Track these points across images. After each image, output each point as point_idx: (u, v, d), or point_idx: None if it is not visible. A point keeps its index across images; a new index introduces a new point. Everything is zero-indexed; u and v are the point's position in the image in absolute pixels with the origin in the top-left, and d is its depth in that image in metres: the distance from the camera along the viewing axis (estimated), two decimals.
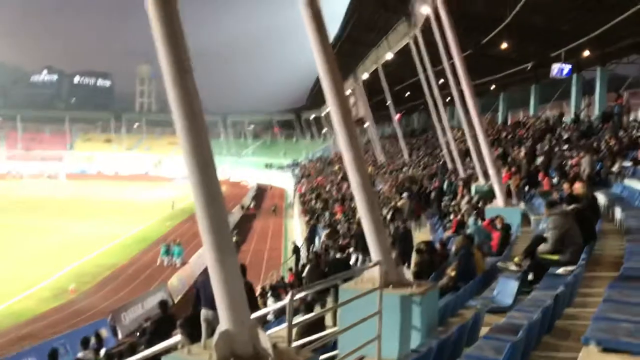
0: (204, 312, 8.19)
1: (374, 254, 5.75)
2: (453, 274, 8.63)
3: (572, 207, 8.42)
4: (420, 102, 43.73)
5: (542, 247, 7.60)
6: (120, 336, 18.92)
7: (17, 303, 22.65)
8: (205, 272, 9.15)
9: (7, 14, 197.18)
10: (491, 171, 14.64)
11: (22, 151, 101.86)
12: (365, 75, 43.41)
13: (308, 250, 24.86)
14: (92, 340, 8.98)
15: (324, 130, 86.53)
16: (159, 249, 31.72)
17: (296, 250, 24.85)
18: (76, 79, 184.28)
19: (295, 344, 4.36)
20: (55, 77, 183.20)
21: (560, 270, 7.15)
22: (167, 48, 3.64)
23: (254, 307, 7.24)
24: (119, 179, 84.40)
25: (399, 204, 18.32)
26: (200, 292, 8.47)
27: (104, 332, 17.52)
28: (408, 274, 5.68)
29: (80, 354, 9.87)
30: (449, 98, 30.10)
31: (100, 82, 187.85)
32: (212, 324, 7.75)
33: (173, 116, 3.71)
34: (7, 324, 20.14)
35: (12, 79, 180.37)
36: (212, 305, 8.81)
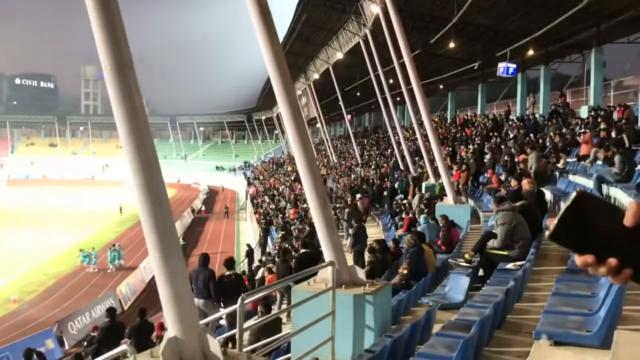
0: (196, 302, 8.50)
1: (327, 253, 5.68)
2: (405, 272, 8.65)
3: (520, 203, 8.58)
4: (371, 102, 44.10)
5: (491, 243, 7.71)
6: (67, 346, 18.28)
7: None
8: (198, 262, 9.42)
9: None
10: (441, 169, 14.83)
11: None
12: (316, 75, 43.45)
13: (262, 252, 24.67)
14: (34, 357, 8.52)
15: (275, 132, 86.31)
16: (106, 255, 30.88)
17: (250, 252, 24.60)
18: (17, 81, 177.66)
19: (247, 348, 4.24)
20: None
21: (510, 266, 7.26)
22: (105, 41, 3.47)
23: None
24: (65, 184, 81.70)
25: (357, 203, 18.35)
26: (191, 282, 8.50)
27: (50, 343, 16.92)
28: (361, 273, 5.63)
29: None
30: (399, 98, 30.56)
31: (43, 84, 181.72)
32: (204, 312, 8.68)
33: (114, 112, 3.54)
34: None
35: None
36: (203, 295, 9.07)
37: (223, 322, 9.65)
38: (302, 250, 10.87)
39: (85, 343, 14.05)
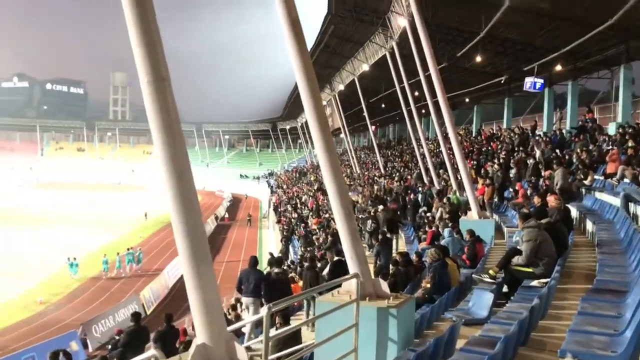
0: (245, 300, 9.83)
1: (351, 265, 5.71)
2: (428, 285, 8.63)
3: (545, 220, 8.51)
4: (395, 114, 44.08)
5: (516, 260, 7.65)
6: (90, 349, 18.54)
7: None
8: (249, 263, 10.13)
9: None
10: (466, 183, 14.76)
11: None
12: (341, 87, 43.61)
13: (279, 264, 24.70)
14: (61, 355, 8.73)
15: (299, 141, 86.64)
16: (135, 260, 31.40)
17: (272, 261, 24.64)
18: (48, 86, 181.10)
19: (271, 357, 4.30)
20: (26, 84, 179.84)
21: (535, 283, 7.20)
22: (144, 54, 3.59)
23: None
24: (91, 188, 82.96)
25: (379, 214, 18.33)
26: (242, 282, 9.88)
27: (75, 345, 17.16)
28: (385, 286, 5.64)
29: None
30: (424, 110, 30.52)
31: (73, 89, 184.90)
32: (254, 310, 9.45)
33: (149, 123, 3.64)
34: None
35: None
36: (253, 294, 9.56)
37: (244, 329, 9.73)
38: (336, 258, 10.91)
39: (110, 346, 14.23)
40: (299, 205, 41.83)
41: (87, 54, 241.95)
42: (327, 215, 27.60)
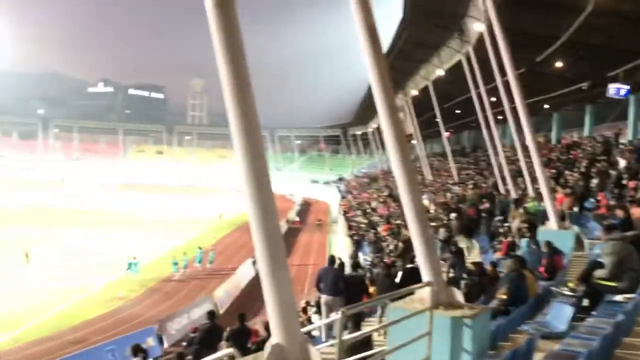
0: (324, 298, 10.19)
1: (425, 273, 5.65)
2: (504, 297, 8.39)
3: (631, 233, 8.11)
4: (470, 120, 43.12)
5: (598, 273, 7.33)
6: (165, 345, 19.20)
7: (69, 308, 23.33)
8: (327, 262, 10.68)
9: (67, 28, 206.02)
10: (544, 192, 14.25)
11: (77, 161, 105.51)
12: (414, 92, 43.20)
13: (355, 267, 24.68)
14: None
15: (370, 147, 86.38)
16: (206, 260, 32.35)
17: (341, 266, 24.69)
18: (130, 91, 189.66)
19: None
20: (110, 89, 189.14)
21: (619, 298, 6.87)
22: (227, 61, 3.71)
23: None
24: (169, 190, 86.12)
25: (453, 222, 18.02)
26: (321, 280, 10.30)
27: (151, 341, 17.84)
28: (459, 295, 5.55)
29: None
30: (501, 116, 29.73)
31: (154, 94, 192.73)
32: (332, 309, 9.80)
33: (230, 127, 3.76)
34: (60, 328, 20.76)
35: (70, 91, 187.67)
36: (332, 292, 9.94)
37: (316, 333, 9.81)
38: (409, 265, 10.86)
39: (185, 343, 14.69)
40: (368, 211, 41.71)
41: (167, 60, 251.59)
42: (397, 222, 27.36)
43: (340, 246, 37.29)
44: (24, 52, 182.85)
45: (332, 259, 10.87)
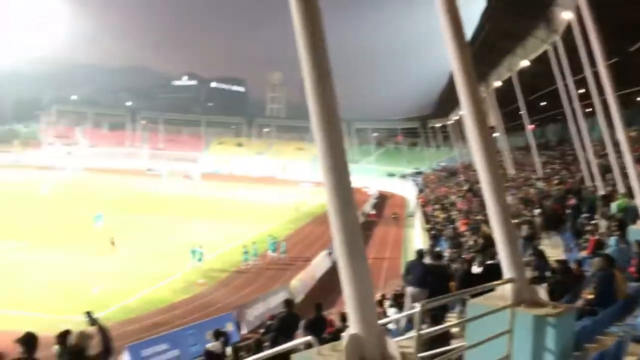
0: (409, 290, 10.57)
1: (506, 270, 5.50)
2: (591, 296, 8.02)
3: None
4: (556, 113, 41.38)
5: None
6: (243, 331, 19.73)
7: (152, 292, 24.43)
8: (416, 255, 11.08)
9: (154, 24, 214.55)
10: (635, 189, 13.47)
11: (162, 151, 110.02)
12: (497, 83, 41.90)
13: (438, 257, 24.37)
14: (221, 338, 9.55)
15: (450, 140, 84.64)
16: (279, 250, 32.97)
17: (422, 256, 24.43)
18: (213, 85, 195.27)
19: (422, 354, 4.28)
20: (194, 82, 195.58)
21: None
22: (309, 53, 3.74)
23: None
24: (248, 181, 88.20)
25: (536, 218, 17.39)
26: (409, 272, 10.75)
27: (230, 326, 18.38)
28: (543, 293, 5.35)
29: (209, 345, 10.43)
30: (589, 109, 28.30)
31: (235, 88, 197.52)
32: (417, 299, 9.85)
33: (311, 119, 3.79)
34: (143, 311, 21.80)
35: (156, 84, 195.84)
36: (418, 284, 10.29)
37: (391, 326, 9.77)
38: (489, 262, 10.63)
39: (263, 330, 15.03)
40: (447, 206, 40.97)
41: (248, 54, 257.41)
42: (477, 217, 26.72)
43: (417, 240, 36.88)
44: (113, 48, 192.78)
45: (420, 253, 11.32)
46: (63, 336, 5.89)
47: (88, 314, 5.92)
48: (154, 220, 41.37)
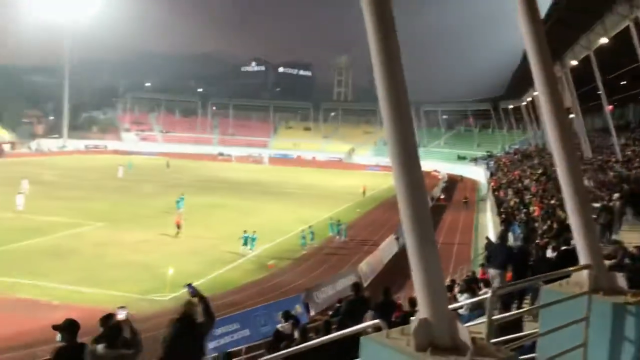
0: (492, 272, 10.89)
1: (582, 255, 5.31)
2: None
3: None
4: (637, 92, 39.24)
5: None
6: (312, 313, 20.03)
7: (225, 273, 25.16)
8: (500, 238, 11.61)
9: (221, 11, 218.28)
10: None
11: (232, 136, 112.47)
12: (573, 62, 40.07)
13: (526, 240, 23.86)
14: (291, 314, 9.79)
15: (523, 121, 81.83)
16: (350, 233, 33.06)
17: (489, 246, 23.92)
18: (280, 70, 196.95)
19: (493, 340, 4.21)
20: (262, 68, 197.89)
21: None
22: (378, 36, 3.71)
23: None
24: (315, 165, 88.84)
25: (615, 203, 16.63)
26: (492, 254, 11.13)
27: (299, 308, 18.72)
28: (622, 281, 5.13)
29: (279, 325, 10.67)
30: None
31: (302, 72, 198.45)
32: (498, 281, 10.48)
33: (380, 103, 3.77)
34: (216, 291, 22.49)
35: (225, 70, 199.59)
36: (498, 266, 10.69)
37: (462, 311, 9.64)
38: (564, 247, 10.33)
39: (331, 312, 15.21)
40: (520, 190, 39.78)
41: (314, 38, 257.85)
42: (552, 202, 25.83)
43: (489, 225, 36.10)
44: (184, 36, 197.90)
45: (503, 234, 11.94)
46: (107, 318, 6.29)
47: (189, 285, 6.28)
48: (224, 203, 42.48)
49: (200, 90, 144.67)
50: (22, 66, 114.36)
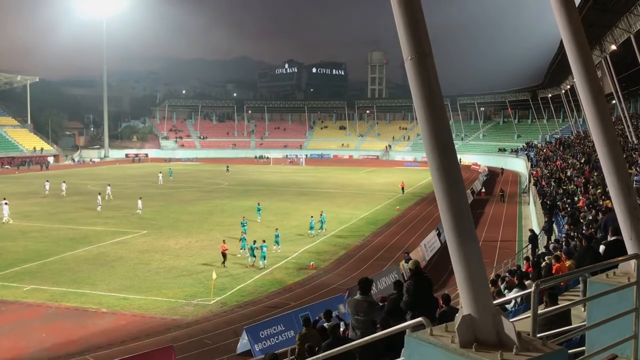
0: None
1: (630, 246, 5.17)
2: None
3: None
4: None
5: None
6: None
7: (267, 274, 25.33)
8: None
9: (254, 16, 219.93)
10: None
11: (268, 139, 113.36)
12: (613, 47, 38.91)
13: (547, 239, 23.37)
14: (334, 314, 9.80)
15: (563, 110, 79.90)
16: (390, 231, 32.79)
17: (533, 238, 23.48)
18: (313, 70, 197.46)
19: (539, 335, 4.14)
20: (295, 69, 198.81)
21: None
22: (407, 32, 3.70)
23: None
24: (352, 163, 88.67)
25: None
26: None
27: (342, 308, 18.69)
28: None
29: (324, 325, 10.68)
30: None
31: (335, 71, 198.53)
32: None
33: (413, 99, 3.75)
34: (260, 293, 22.68)
35: (259, 74, 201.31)
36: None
37: (509, 306, 9.51)
38: (611, 238, 10.05)
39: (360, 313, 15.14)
40: (563, 180, 38.86)
41: (346, 37, 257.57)
42: (597, 191, 25.17)
43: (532, 217, 35.39)
44: (218, 42, 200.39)
45: (590, 238, 11.41)
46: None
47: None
48: (263, 206, 42.92)
49: (235, 94, 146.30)
50: (62, 80, 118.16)
